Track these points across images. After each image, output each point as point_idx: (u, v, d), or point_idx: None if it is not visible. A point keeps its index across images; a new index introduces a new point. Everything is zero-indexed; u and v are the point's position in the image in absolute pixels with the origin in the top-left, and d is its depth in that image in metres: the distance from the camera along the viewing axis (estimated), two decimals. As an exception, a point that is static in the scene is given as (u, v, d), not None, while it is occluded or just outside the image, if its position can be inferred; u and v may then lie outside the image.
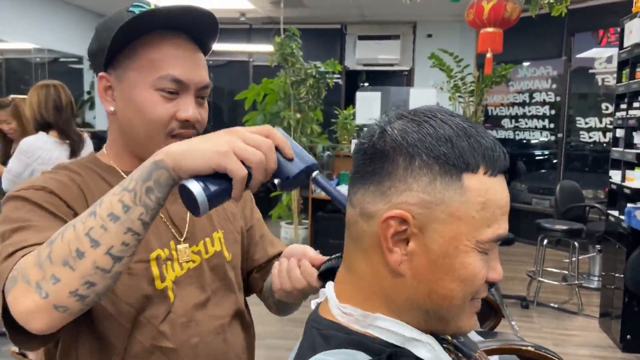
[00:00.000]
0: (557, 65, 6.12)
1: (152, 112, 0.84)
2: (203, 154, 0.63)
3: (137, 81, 0.84)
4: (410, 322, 0.61)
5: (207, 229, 0.97)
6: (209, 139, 0.65)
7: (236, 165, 0.62)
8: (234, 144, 0.63)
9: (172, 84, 0.84)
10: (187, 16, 0.85)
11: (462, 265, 0.57)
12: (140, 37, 0.84)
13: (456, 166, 0.56)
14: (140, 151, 0.88)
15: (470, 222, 0.56)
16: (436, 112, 0.59)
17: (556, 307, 4.18)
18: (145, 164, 0.66)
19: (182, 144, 0.66)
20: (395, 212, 0.56)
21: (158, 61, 0.84)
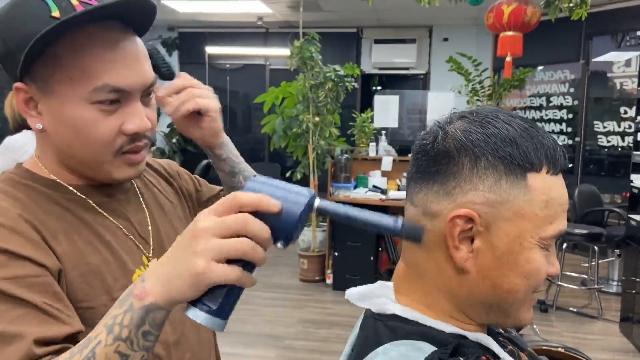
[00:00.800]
0: (574, 69, 6.10)
1: (93, 131, 0.70)
2: (185, 283, 0.54)
3: (67, 96, 0.69)
4: (472, 315, 0.63)
5: (172, 235, 0.88)
6: (179, 257, 0.55)
7: (224, 275, 0.53)
8: (209, 253, 0.53)
9: (112, 94, 0.70)
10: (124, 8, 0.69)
11: (526, 261, 0.59)
12: (59, 39, 0.67)
13: (521, 166, 0.58)
14: (82, 170, 0.76)
15: (534, 220, 0.58)
16: (497, 113, 0.61)
17: (575, 311, 4.16)
18: (133, 305, 0.56)
19: (158, 272, 0.56)
20: (462, 211, 0.58)
21: (90, 69, 0.68)
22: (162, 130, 7.61)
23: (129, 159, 0.76)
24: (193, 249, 0.53)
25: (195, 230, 0.54)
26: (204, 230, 0.53)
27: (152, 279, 0.56)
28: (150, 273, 0.57)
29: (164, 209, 0.92)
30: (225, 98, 7.87)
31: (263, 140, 7.43)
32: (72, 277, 0.70)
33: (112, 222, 0.79)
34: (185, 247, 0.55)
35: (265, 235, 0.54)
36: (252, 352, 3.38)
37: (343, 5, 6.04)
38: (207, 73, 7.69)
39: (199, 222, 0.54)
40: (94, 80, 0.68)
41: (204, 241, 0.53)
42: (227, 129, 4.05)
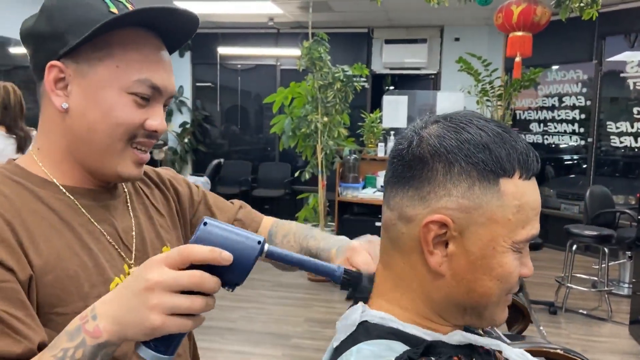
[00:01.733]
0: (587, 69, 6.03)
1: (122, 116, 0.75)
2: (139, 331, 0.57)
3: (109, 80, 0.74)
4: (448, 317, 0.64)
5: (157, 245, 0.88)
6: (133, 307, 0.57)
7: (178, 327, 0.57)
8: (163, 309, 0.56)
9: (149, 90, 0.76)
10: (171, 18, 0.77)
11: (499, 265, 0.60)
12: (114, 31, 0.75)
13: (494, 172, 0.59)
14: (89, 159, 0.78)
15: (507, 225, 0.59)
16: (471, 118, 0.62)
17: (585, 313, 4.12)
18: (85, 341, 0.58)
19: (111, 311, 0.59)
20: (436, 217, 0.59)
21: (136, 63, 0.75)
22: (174, 130, 7.69)
23: (137, 156, 0.79)
24: (147, 303, 0.56)
25: (147, 282, 0.57)
26: (157, 284, 0.56)
27: (105, 319, 0.59)
28: (103, 313, 0.59)
29: (152, 219, 0.91)
30: (237, 98, 7.92)
31: (274, 140, 7.46)
32: (47, 281, 0.69)
33: (96, 227, 0.79)
34: (138, 297, 0.57)
35: (217, 289, 0.58)
36: (259, 351, 3.41)
37: (354, 5, 6.04)
38: (218, 73, 7.75)
39: (151, 275, 0.57)
40: (138, 73, 0.75)
41: (158, 296, 0.56)
42: (238, 129, 4.13)
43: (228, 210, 1.05)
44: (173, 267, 0.57)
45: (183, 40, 0.84)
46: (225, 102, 7.98)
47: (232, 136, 8.13)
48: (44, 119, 0.79)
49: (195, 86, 7.94)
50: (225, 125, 8.13)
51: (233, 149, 8.04)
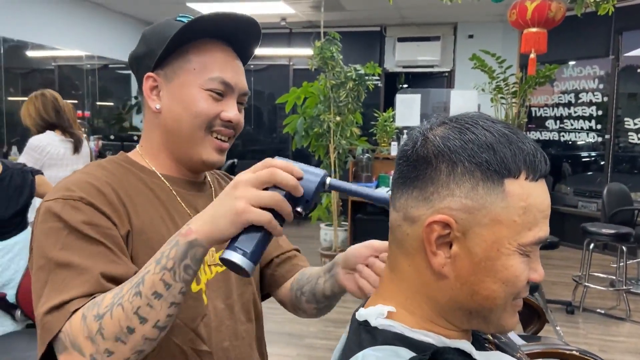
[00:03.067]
0: (604, 65, 5.94)
1: (200, 107, 0.89)
2: (227, 220, 0.67)
3: (188, 81, 0.89)
4: (453, 321, 0.63)
5: None
6: (223, 202, 0.69)
7: (259, 215, 0.67)
8: (247, 196, 0.67)
9: (221, 85, 0.90)
10: (234, 24, 0.91)
11: (503, 267, 0.59)
12: (190, 42, 0.90)
13: (498, 172, 0.58)
14: (179, 149, 0.92)
15: (512, 226, 0.58)
16: (477, 119, 0.61)
17: (603, 312, 4.06)
18: (179, 242, 0.69)
19: (203, 216, 0.70)
20: (438, 217, 0.58)
21: (209, 64, 0.89)
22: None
23: (217, 144, 0.92)
24: (234, 194, 0.68)
25: (235, 182, 0.69)
26: (242, 181, 0.69)
27: (197, 220, 0.70)
28: (196, 217, 0.70)
29: None
30: (250, 98, 7.93)
31: (287, 140, 7.47)
32: (142, 240, 0.83)
33: (184, 208, 0.93)
34: (227, 194, 0.69)
35: (292, 183, 0.69)
36: (272, 350, 3.39)
37: (366, 4, 6.02)
38: (232, 74, 7.77)
39: (238, 177, 0.69)
40: (211, 72, 0.89)
41: (243, 189, 0.68)
42: (252, 129, 4.14)
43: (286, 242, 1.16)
44: (256, 172, 0.69)
45: (252, 44, 0.97)
46: (239, 102, 8.00)
47: (246, 136, 8.16)
48: (145, 120, 0.96)
49: (209, 87, 7.98)
50: (238, 125, 8.16)
51: (247, 149, 8.07)
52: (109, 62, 6.81)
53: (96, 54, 6.39)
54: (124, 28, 6.82)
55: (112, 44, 6.56)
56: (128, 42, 6.87)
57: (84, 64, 6.36)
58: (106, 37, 6.43)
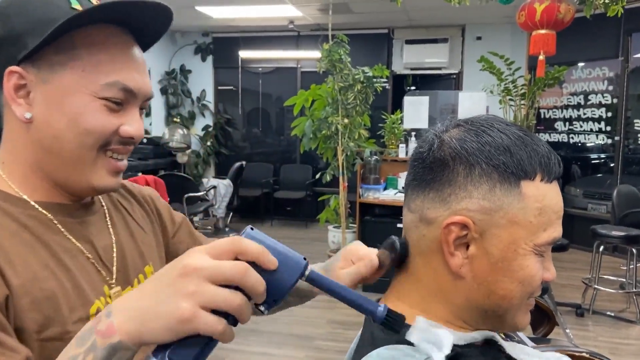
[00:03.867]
0: (613, 66, 5.91)
1: (93, 122, 0.68)
2: (163, 324, 0.47)
3: (75, 85, 0.67)
4: (469, 320, 0.64)
5: (139, 264, 0.81)
6: (161, 296, 0.47)
7: (210, 326, 0.47)
8: (199, 297, 0.46)
9: (121, 93, 0.69)
10: (142, 12, 0.70)
11: (520, 267, 0.60)
12: (77, 29, 0.67)
13: (515, 174, 0.59)
14: (59, 172, 0.70)
15: (528, 227, 0.59)
16: (493, 122, 0.62)
17: (613, 315, 4.04)
18: (96, 344, 0.49)
19: (130, 307, 0.49)
20: (456, 218, 0.59)
21: (106, 64, 0.68)
22: (197, 134, 7.78)
23: (112, 165, 0.72)
24: (180, 289, 0.47)
25: (185, 268, 0.47)
26: (196, 270, 0.47)
27: (121, 314, 0.49)
28: (119, 307, 0.49)
29: (134, 235, 0.83)
30: (258, 101, 7.98)
31: (295, 142, 7.49)
32: (24, 305, 0.62)
33: (74, 244, 0.71)
34: (169, 285, 0.47)
35: (260, 290, 0.49)
36: (281, 352, 3.43)
37: (373, 6, 6.03)
38: (240, 76, 7.81)
39: (190, 260, 0.47)
40: (108, 75, 0.68)
41: (195, 284, 0.46)
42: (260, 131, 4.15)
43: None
44: (215, 258, 0.48)
45: (157, 35, 0.76)
46: (247, 105, 8.04)
47: (254, 139, 8.19)
48: (7, 130, 0.72)
49: (217, 90, 8.02)
50: (246, 128, 8.20)
51: (255, 152, 8.10)
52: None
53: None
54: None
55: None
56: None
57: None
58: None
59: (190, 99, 7.84)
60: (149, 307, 0.48)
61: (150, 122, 7.36)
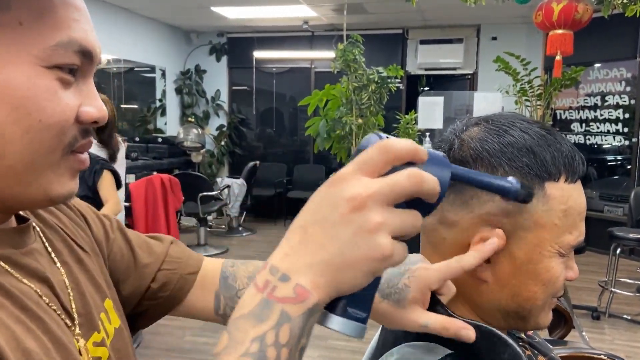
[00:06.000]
0: (631, 67, 5.84)
1: (50, 109, 0.46)
2: (365, 269, 0.39)
3: (11, 52, 0.44)
4: (490, 320, 0.63)
5: (98, 301, 0.60)
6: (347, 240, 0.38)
7: (402, 256, 0.40)
8: (389, 226, 0.39)
9: (77, 57, 0.48)
10: None
11: (545, 270, 0.59)
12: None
13: (539, 176, 0.58)
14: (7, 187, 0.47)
15: (553, 229, 0.58)
16: (514, 120, 0.61)
17: (629, 318, 3.99)
18: (288, 312, 0.38)
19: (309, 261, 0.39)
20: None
21: (51, 15, 0.46)
22: (211, 133, 7.82)
23: (77, 162, 0.51)
24: (365, 225, 0.38)
25: (354, 199, 0.38)
26: (370, 197, 0.38)
27: (306, 273, 0.39)
28: (296, 268, 0.39)
29: (83, 263, 0.61)
30: (272, 101, 8.00)
31: (308, 142, 7.50)
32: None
33: (27, 286, 0.50)
34: (345, 225, 0.38)
35: (437, 189, 0.40)
36: (294, 351, 3.43)
37: (388, 6, 6.02)
38: (254, 76, 7.84)
39: (354, 189, 0.38)
40: (57, 31, 0.46)
41: (378, 213, 0.38)
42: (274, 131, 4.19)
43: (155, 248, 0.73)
44: (372, 175, 0.39)
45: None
46: (261, 105, 8.07)
47: (268, 139, 8.21)
48: None
49: (232, 90, 8.06)
50: (260, 127, 8.23)
51: (268, 152, 8.12)
52: (134, 66, 6.93)
53: (122, 57, 6.51)
54: (149, 32, 6.93)
55: (137, 47, 6.67)
56: (153, 46, 6.99)
57: (111, 67, 6.48)
58: (132, 41, 6.54)
59: (205, 98, 7.88)
60: (336, 255, 0.39)
61: (165, 121, 7.42)
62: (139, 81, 7.42)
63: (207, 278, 0.74)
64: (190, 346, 3.44)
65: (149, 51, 6.90)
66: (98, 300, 0.60)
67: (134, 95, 7.25)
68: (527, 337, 0.73)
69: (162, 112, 7.40)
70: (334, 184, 0.40)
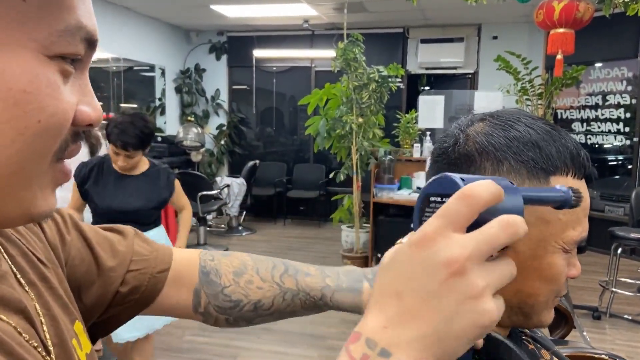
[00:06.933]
0: (632, 66, 5.82)
1: (52, 106, 0.38)
2: (469, 338, 0.36)
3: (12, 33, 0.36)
4: None
5: (67, 323, 0.52)
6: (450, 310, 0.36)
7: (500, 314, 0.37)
8: (491, 288, 0.36)
9: (82, 46, 0.40)
10: None
11: (548, 266, 0.59)
12: None
13: (544, 170, 0.58)
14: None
15: (558, 225, 0.58)
16: (519, 116, 0.61)
17: (630, 318, 3.98)
18: None
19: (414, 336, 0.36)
20: None
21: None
22: (211, 133, 7.81)
23: (63, 173, 0.43)
24: (469, 291, 0.35)
25: (452, 264, 0.35)
26: (470, 259, 0.35)
27: (406, 348, 0.36)
28: (398, 342, 0.36)
29: (48, 281, 0.52)
30: (272, 100, 7.99)
31: (308, 142, 7.49)
32: None
33: (6, 322, 0.43)
34: (447, 293, 0.36)
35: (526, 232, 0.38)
36: (294, 351, 3.42)
37: (389, 5, 6.01)
38: (254, 76, 7.83)
39: (448, 252, 0.36)
40: (66, 13, 0.38)
41: (480, 276, 0.36)
42: (273, 130, 4.17)
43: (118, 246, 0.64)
44: (459, 230, 0.37)
45: None
46: (261, 104, 8.06)
47: (268, 138, 8.20)
48: None
49: (232, 89, 8.05)
50: (260, 127, 8.22)
51: (268, 151, 8.11)
52: (133, 65, 6.92)
53: (122, 56, 6.49)
54: (149, 31, 6.92)
55: (137, 46, 6.66)
56: (152, 45, 6.97)
57: (110, 66, 6.47)
58: (132, 40, 6.53)
59: (205, 98, 7.87)
60: (440, 329, 0.36)
61: (164, 120, 7.41)
62: (138, 80, 7.41)
63: (181, 273, 0.67)
64: (189, 346, 3.43)
65: (148, 50, 6.89)
66: (68, 324, 0.52)
67: (134, 94, 7.24)
68: (530, 331, 0.73)
69: (162, 111, 7.39)
70: (424, 245, 0.37)
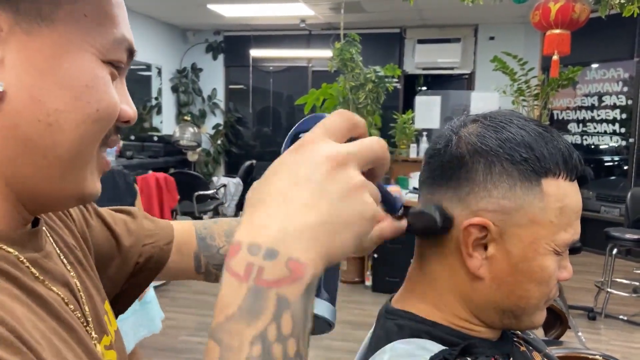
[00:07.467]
0: (628, 67, 5.84)
1: (106, 99, 0.45)
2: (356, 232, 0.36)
3: (78, 39, 0.44)
4: (485, 319, 0.63)
5: (99, 302, 0.57)
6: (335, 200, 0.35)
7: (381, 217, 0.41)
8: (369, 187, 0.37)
9: (125, 54, 0.49)
10: None
11: (540, 268, 0.59)
12: None
13: (536, 172, 0.57)
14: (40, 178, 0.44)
15: (549, 227, 0.58)
16: (511, 117, 0.61)
17: (625, 319, 3.98)
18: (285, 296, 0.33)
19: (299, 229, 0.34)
20: (476, 220, 0.58)
21: (111, 11, 0.47)
22: (207, 132, 7.80)
23: (104, 163, 0.50)
24: (350, 183, 0.35)
25: (335, 158, 0.35)
26: (349, 157, 0.36)
27: (295, 244, 0.34)
28: (282, 237, 0.34)
29: (82, 263, 0.58)
30: (269, 100, 7.98)
31: (305, 142, 7.48)
32: None
33: (56, 293, 0.47)
34: (334, 180, 0.35)
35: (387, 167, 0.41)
36: (290, 351, 3.41)
37: (386, 5, 6.01)
38: (251, 75, 7.82)
39: (332, 148, 0.36)
40: (115, 27, 0.47)
41: (357, 173, 0.36)
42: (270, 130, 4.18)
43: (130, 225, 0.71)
44: (337, 140, 0.38)
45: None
46: (257, 104, 8.05)
47: (264, 138, 8.19)
48: None
49: (228, 88, 8.04)
50: (257, 126, 8.21)
51: (265, 151, 8.11)
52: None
53: (118, 55, 6.48)
54: (145, 30, 6.90)
55: (135, 46, 6.65)
56: (149, 44, 6.95)
57: (107, 65, 6.46)
58: (128, 39, 6.52)
59: (201, 97, 7.86)
60: (331, 213, 0.35)
61: (161, 120, 7.40)
62: (134, 79, 7.39)
63: (182, 243, 0.75)
64: (185, 346, 3.42)
65: (145, 49, 6.87)
66: (100, 302, 0.57)
67: (130, 94, 7.21)
68: (522, 333, 0.73)
69: (158, 110, 7.38)
70: (303, 148, 0.37)
